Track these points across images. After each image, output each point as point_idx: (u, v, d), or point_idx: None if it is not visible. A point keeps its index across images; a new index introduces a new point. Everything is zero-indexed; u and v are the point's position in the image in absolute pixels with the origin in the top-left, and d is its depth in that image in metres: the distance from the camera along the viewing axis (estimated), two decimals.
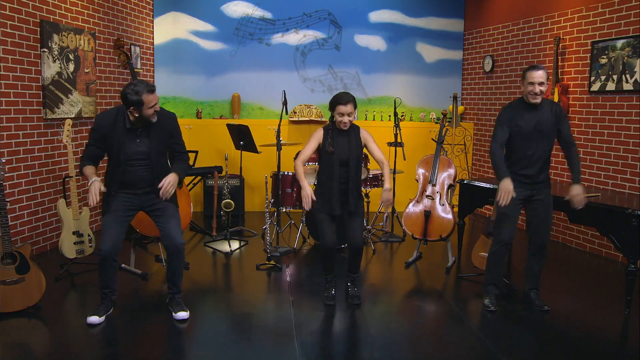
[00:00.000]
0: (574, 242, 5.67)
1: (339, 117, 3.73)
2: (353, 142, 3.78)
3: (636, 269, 3.77)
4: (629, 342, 3.51)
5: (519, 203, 3.81)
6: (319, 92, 7.42)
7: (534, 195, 3.80)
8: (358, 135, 3.83)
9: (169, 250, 3.61)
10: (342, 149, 3.75)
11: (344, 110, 3.71)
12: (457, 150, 6.95)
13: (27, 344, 3.33)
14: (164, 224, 3.57)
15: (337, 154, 3.73)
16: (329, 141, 3.76)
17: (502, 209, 3.79)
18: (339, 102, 3.72)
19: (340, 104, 3.71)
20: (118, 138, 3.42)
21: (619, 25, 5.08)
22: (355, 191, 3.82)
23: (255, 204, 7.09)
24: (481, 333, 3.53)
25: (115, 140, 3.42)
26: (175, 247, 3.58)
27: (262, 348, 3.28)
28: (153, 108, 3.38)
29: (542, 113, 3.72)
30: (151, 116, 3.40)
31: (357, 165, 3.80)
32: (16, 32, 4.60)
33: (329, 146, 3.75)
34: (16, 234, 4.65)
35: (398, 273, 4.81)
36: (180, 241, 3.59)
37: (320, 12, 7.37)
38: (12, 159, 4.61)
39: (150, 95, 3.36)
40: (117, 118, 3.43)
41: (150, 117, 3.41)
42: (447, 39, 7.61)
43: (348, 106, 3.70)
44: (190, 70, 7.23)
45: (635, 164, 4.94)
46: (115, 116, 3.44)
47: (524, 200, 3.83)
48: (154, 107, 3.39)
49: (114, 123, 3.42)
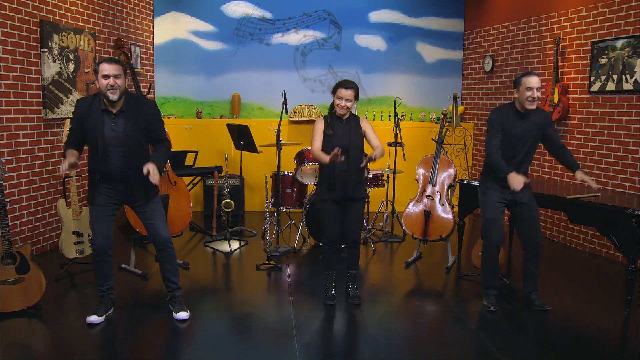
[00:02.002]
0: (574, 242, 5.67)
1: (337, 100, 3.77)
2: (353, 130, 3.81)
3: (636, 269, 3.77)
4: (629, 342, 3.51)
5: (501, 206, 3.87)
6: (319, 92, 7.42)
7: (518, 199, 3.84)
8: (358, 124, 3.87)
9: (156, 245, 3.64)
10: (343, 137, 3.77)
11: (343, 94, 3.74)
12: (457, 150, 6.95)
13: (27, 344, 3.33)
14: (149, 221, 3.58)
15: (337, 142, 3.74)
16: (328, 123, 3.82)
17: (487, 214, 3.86)
18: (341, 85, 3.77)
19: (342, 87, 3.75)
20: (94, 120, 3.37)
21: (619, 25, 5.08)
22: (356, 177, 3.83)
23: (255, 204, 7.09)
24: (481, 333, 3.53)
25: (92, 124, 3.37)
26: (161, 242, 3.59)
27: (262, 348, 3.28)
28: (107, 80, 3.29)
29: (530, 120, 3.77)
30: (107, 90, 3.30)
31: (357, 153, 3.81)
32: (16, 32, 4.60)
33: (328, 129, 3.80)
34: (16, 234, 4.65)
35: (398, 273, 4.81)
36: (166, 235, 3.59)
37: (320, 12, 7.37)
38: (12, 159, 4.61)
39: (105, 64, 3.31)
40: (94, 101, 3.41)
41: (106, 90, 3.30)
42: (447, 39, 7.61)
43: (349, 91, 3.74)
44: (190, 70, 7.23)
45: (635, 164, 4.94)
46: (92, 99, 3.43)
47: (507, 203, 3.89)
48: (109, 81, 3.29)
49: (90, 106, 3.39)
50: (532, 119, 3.77)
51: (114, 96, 3.33)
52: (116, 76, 3.32)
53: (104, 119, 3.38)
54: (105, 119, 3.39)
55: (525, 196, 3.84)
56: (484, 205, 3.91)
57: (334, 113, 3.84)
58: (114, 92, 3.32)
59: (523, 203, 3.85)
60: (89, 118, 3.38)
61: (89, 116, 3.38)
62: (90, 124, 3.38)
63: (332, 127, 3.81)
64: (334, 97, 3.82)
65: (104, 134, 3.37)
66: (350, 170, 3.79)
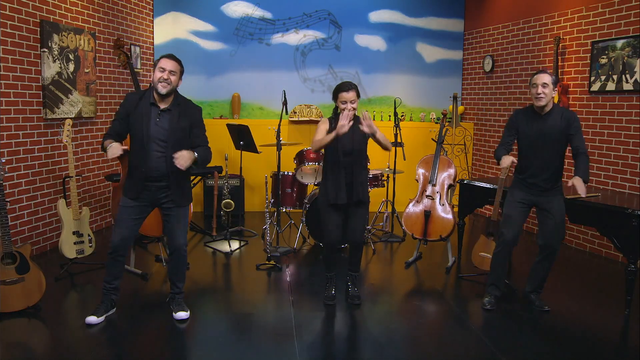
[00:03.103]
0: (574, 242, 5.67)
1: (342, 105, 3.73)
2: (357, 133, 3.78)
3: (636, 269, 3.77)
4: (629, 342, 3.51)
5: (523, 206, 3.83)
6: (319, 92, 7.42)
7: (542, 203, 3.79)
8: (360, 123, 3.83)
9: (170, 249, 3.66)
10: (346, 139, 3.74)
11: (346, 97, 3.71)
12: (457, 150, 6.96)
13: (27, 344, 3.33)
14: (170, 224, 3.59)
15: (340, 144, 3.72)
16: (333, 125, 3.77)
17: (506, 210, 3.84)
18: (342, 89, 3.74)
19: (343, 91, 3.73)
20: (141, 113, 3.42)
21: (619, 25, 5.08)
22: (360, 180, 3.82)
23: (255, 204, 7.09)
24: (481, 333, 3.53)
25: (138, 116, 3.42)
26: (175, 248, 3.61)
27: (262, 348, 3.28)
28: (162, 74, 3.37)
29: (550, 121, 3.69)
30: (159, 82, 3.37)
31: (360, 155, 3.81)
32: (16, 32, 4.60)
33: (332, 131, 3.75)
34: (16, 234, 4.65)
35: (398, 273, 4.81)
36: (181, 242, 3.60)
37: (320, 12, 7.37)
38: (12, 159, 4.61)
39: (163, 58, 3.43)
40: (145, 95, 3.48)
41: (158, 82, 3.37)
42: (447, 39, 7.61)
43: (350, 93, 3.72)
44: (190, 70, 7.17)
45: (635, 164, 4.94)
46: (143, 93, 3.51)
47: (530, 205, 3.84)
48: (163, 74, 3.37)
49: (140, 99, 3.46)
50: (553, 119, 3.69)
51: (164, 90, 3.39)
52: (171, 72, 3.41)
53: (150, 113, 3.43)
54: (152, 113, 3.43)
55: (550, 201, 3.76)
56: (506, 202, 3.90)
57: (338, 115, 3.81)
58: (166, 86, 3.39)
59: (546, 208, 3.77)
60: (137, 110, 3.43)
61: (137, 108, 3.43)
62: (136, 116, 3.42)
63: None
64: (336, 102, 3.78)
65: (149, 127, 3.41)
66: (355, 173, 3.78)
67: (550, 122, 3.69)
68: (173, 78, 3.42)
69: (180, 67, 3.51)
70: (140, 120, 3.42)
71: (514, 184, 3.93)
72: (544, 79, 3.64)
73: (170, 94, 3.45)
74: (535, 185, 3.76)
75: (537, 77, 3.67)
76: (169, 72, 3.40)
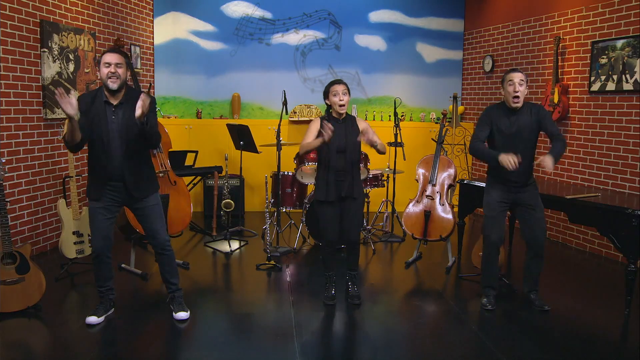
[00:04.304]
0: (574, 242, 5.67)
1: (334, 97, 3.74)
2: (350, 131, 3.79)
3: (636, 269, 3.77)
4: (629, 342, 3.51)
5: (504, 205, 3.86)
6: (319, 92, 7.36)
7: (521, 199, 3.82)
8: (355, 124, 3.85)
9: (155, 248, 3.65)
10: (339, 137, 3.75)
11: (338, 89, 3.73)
12: (457, 150, 6.95)
13: (27, 344, 3.33)
14: (147, 223, 3.57)
15: (333, 142, 3.72)
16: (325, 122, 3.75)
17: (487, 212, 3.87)
18: (332, 83, 3.77)
19: (335, 84, 3.75)
20: (96, 111, 3.37)
21: (619, 25, 5.08)
22: (353, 177, 3.82)
23: (255, 204, 7.09)
24: (481, 333, 3.53)
25: (94, 114, 3.36)
26: (159, 245, 3.60)
27: (262, 348, 3.28)
28: (108, 69, 3.30)
29: (522, 117, 3.75)
30: (107, 78, 3.31)
31: (353, 153, 3.81)
32: (16, 32, 4.60)
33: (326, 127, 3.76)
34: (16, 234, 4.65)
35: (398, 273, 4.81)
36: (164, 237, 3.60)
37: (320, 12, 7.37)
38: (12, 159, 4.61)
39: (107, 53, 3.34)
40: (97, 95, 3.41)
41: (107, 78, 3.31)
42: (447, 39, 7.60)
43: (342, 85, 3.75)
44: (190, 70, 7.23)
45: (635, 164, 4.94)
46: (95, 93, 3.44)
47: (509, 203, 3.87)
48: (110, 69, 3.30)
49: (94, 99, 3.40)
50: (524, 115, 3.74)
51: (114, 85, 3.32)
52: (117, 64, 3.32)
53: (105, 112, 3.38)
54: (107, 111, 3.38)
55: (529, 197, 3.81)
56: (486, 204, 3.91)
57: (331, 114, 3.83)
58: (115, 80, 3.32)
59: (527, 204, 3.82)
60: (92, 109, 3.37)
61: (92, 107, 3.38)
62: (92, 118, 3.37)
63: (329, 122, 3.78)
64: (328, 98, 3.79)
65: (106, 126, 3.36)
66: (347, 170, 3.79)
67: (523, 117, 3.74)
68: (120, 71, 3.33)
69: (125, 58, 3.42)
70: (97, 121, 3.36)
71: (489, 183, 3.93)
72: (520, 76, 3.70)
73: (121, 88, 3.38)
74: (512, 181, 3.77)
75: (513, 75, 3.71)
76: (115, 65, 3.31)
